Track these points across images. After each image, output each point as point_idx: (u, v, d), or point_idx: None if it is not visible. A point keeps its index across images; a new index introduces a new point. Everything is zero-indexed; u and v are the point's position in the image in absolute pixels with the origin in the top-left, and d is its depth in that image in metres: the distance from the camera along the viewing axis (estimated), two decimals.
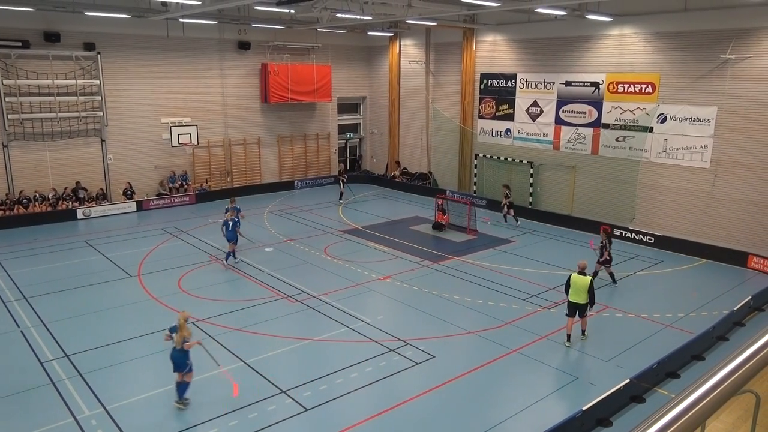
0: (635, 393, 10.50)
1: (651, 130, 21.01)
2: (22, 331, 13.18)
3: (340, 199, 26.88)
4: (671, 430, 2.68)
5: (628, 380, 10.31)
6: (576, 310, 12.53)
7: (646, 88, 20.99)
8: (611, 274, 16.37)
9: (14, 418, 9.84)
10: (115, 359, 11.90)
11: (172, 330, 10.10)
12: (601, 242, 16.11)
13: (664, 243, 20.04)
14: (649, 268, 18.23)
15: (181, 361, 10.07)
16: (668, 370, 11.36)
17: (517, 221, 22.75)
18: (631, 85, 21.40)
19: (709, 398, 3.24)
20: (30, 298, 15.14)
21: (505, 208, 22.80)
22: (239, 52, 27.77)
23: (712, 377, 3.57)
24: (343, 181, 27.03)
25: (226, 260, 17.77)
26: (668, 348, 11.90)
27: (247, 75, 28.37)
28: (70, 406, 10.16)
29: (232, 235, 17.62)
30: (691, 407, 2.87)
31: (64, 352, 12.15)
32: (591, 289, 12.36)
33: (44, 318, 13.86)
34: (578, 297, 12.43)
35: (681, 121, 20.18)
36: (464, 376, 11.35)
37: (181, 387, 10.18)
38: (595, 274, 15.64)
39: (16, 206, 22.52)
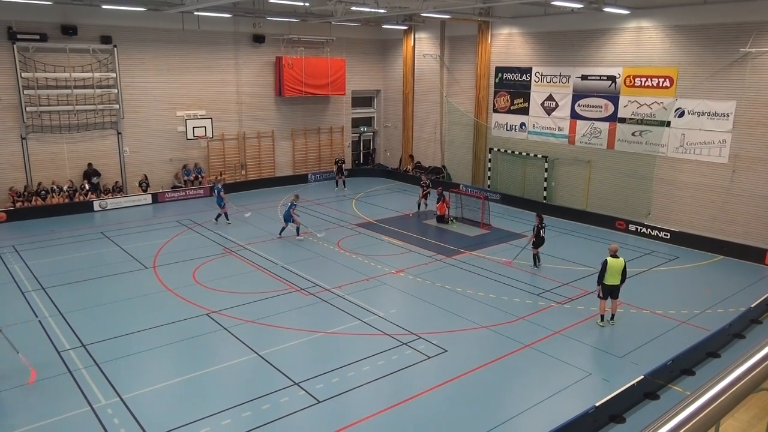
0: (649, 390, 10.43)
1: (668, 124, 20.76)
2: (40, 321, 13.38)
3: (339, 186, 28.62)
4: (686, 428, 2.65)
5: (642, 377, 10.24)
6: (611, 292, 13.16)
7: (663, 82, 20.73)
8: (534, 257, 17.24)
9: (33, 406, 10.00)
10: (131, 349, 12.05)
11: None
12: (535, 225, 17.06)
13: (681, 239, 19.83)
14: (664, 264, 18.06)
15: None
16: (683, 367, 11.26)
17: (418, 208, 23.82)
18: (649, 79, 21.14)
19: (724, 396, 3.19)
20: (48, 288, 15.36)
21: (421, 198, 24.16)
22: (254, 45, 27.83)
23: (729, 375, 3.52)
24: (341, 171, 28.79)
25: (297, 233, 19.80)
26: (683, 345, 11.80)
27: (262, 68, 28.44)
28: (87, 395, 10.32)
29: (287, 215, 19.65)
30: (706, 405, 2.83)
31: (81, 342, 12.32)
32: (625, 270, 13.10)
33: (61, 308, 14.06)
34: (614, 279, 13.00)
35: (699, 115, 19.91)
36: (476, 371, 11.35)
37: None
38: (534, 260, 17.20)
39: (34, 197, 22.83)
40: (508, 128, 26.45)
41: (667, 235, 20.17)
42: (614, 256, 12.98)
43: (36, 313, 13.85)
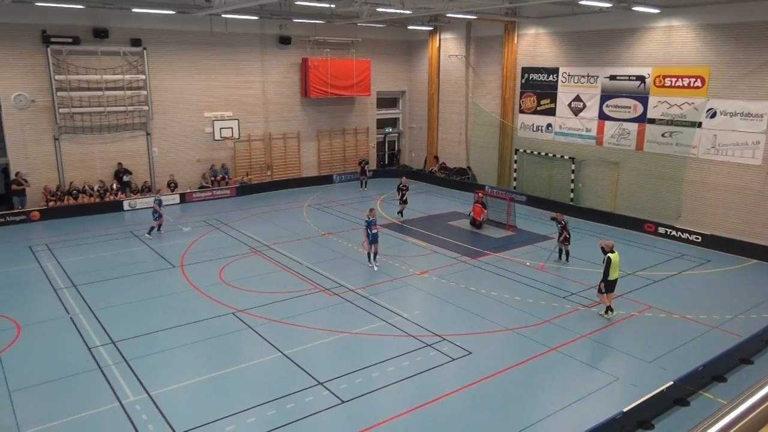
0: (679, 396, 10.22)
1: (699, 125, 20.33)
2: (71, 318, 13.68)
3: (363, 187, 28.91)
4: None
5: (671, 382, 10.04)
6: (614, 285, 13.65)
7: (694, 82, 20.31)
8: (560, 251, 17.93)
9: (64, 400, 10.22)
10: (159, 347, 12.24)
11: None
12: (559, 224, 17.65)
13: (712, 242, 19.40)
14: (695, 267, 17.69)
15: None
16: (715, 373, 11.00)
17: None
18: (679, 79, 20.73)
19: (763, 406, 3.08)
20: (79, 285, 15.69)
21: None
22: (280, 46, 28.06)
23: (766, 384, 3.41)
24: (364, 171, 29.13)
25: (370, 260, 17.31)
26: (715, 350, 11.54)
27: (288, 69, 28.66)
28: (116, 391, 10.51)
29: (374, 237, 17.00)
30: (744, 415, 2.72)
31: (111, 339, 12.56)
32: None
33: (92, 305, 14.35)
34: (617, 272, 13.60)
35: (732, 116, 19.45)
36: (501, 374, 11.25)
37: None
38: (560, 253, 17.88)
39: (66, 197, 23.36)
40: (535, 129, 26.20)
41: (698, 239, 19.75)
42: (612, 251, 13.56)
43: (68, 309, 14.15)
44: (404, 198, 22.85)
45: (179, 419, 9.64)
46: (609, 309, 13.83)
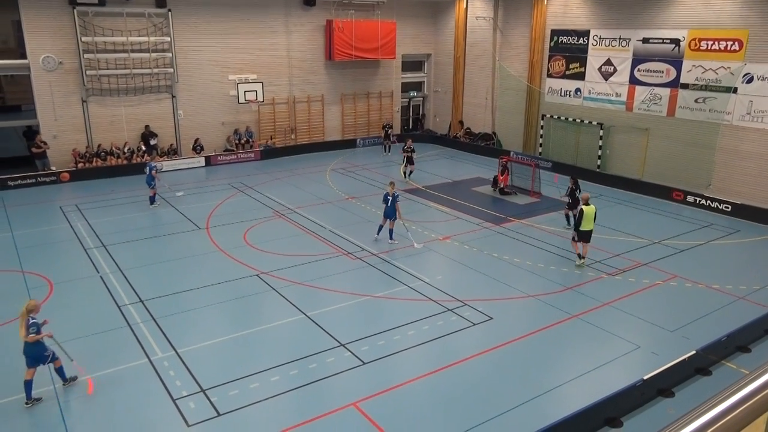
0: (701, 365, 10.17)
1: (735, 90, 19.66)
2: (101, 277, 14.06)
3: (386, 151, 28.74)
4: (742, 408, 2.54)
5: (693, 351, 9.99)
6: (586, 236, 14.56)
7: (731, 46, 19.56)
8: (567, 216, 17.68)
9: (96, 356, 10.59)
10: (185, 306, 12.55)
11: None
12: (569, 187, 17.43)
13: (742, 211, 18.96)
14: (723, 237, 17.36)
15: (35, 353, 9.04)
16: (739, 343, 10.91)
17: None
18: (716, 42, 19.99)
19: None
20: (108, 246, 16.07)
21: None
22: (305, 8, 27.69)
23: None
24: (387, 136, 28.80)
25: (390, 237, 16.30)
26: (740, 321, 11.42)
27: (312, 32, 28.33)
28: (145, 348, 10.86)
29: (390, 212, 15.94)
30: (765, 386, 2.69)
31: (139, 298, 12.91)
32: (595, 216, 14.58)
33: (121, 265, 14.72)
34: (589, 225, 14.42)
35: None
36: (521, 339, 11.31)
37: (60, 370, 9.47)
38: (568, 219, 17.67)
39: (94, 159, 23.75)
40: (563, 94, 25.64)
41: (727, 208, 19.33)
42: (587, 203, 14.48)
43: (97, 269, 14.54)
44: (411, 159, 22.82)
45: (205, 376, 9.94)
46: (579, 256, 14.84)
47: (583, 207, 14.42)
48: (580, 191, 16.94)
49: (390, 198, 15.82)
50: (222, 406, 9.18)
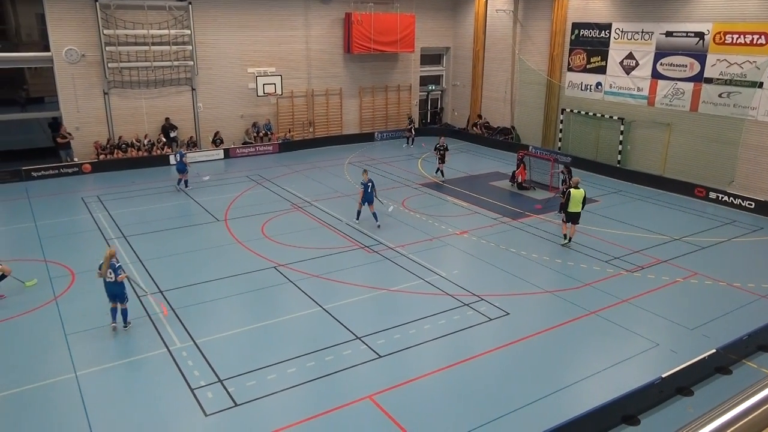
0: (721, 364, 10.04)
1: (760, 85, 19.26)
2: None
3: (408, 144, 29.32)
4: (763, 408, 2.50)
5: (713, 350, 9.86)
6: (573, 218, 15.40)
7: (758, 39, 19.15)
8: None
9: (115, 345, 10.78)
10: (203, 297, 12.68)
11: (100, 267, 11.09)
12: (562, 174, 18.74)
13: (766, 209, 18.62)
14: (746, 234, 17.07)
15: (119, 291, 11.13)
16: (760, 342, 10.73)
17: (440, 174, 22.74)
18: (741, 36, 19.58)
19: None
20: (129, 236, 16.29)
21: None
22: (324, 1, 27.68)
23: None
24: (411, 129, 29.56)
25: (376, 219, 17.11)
26: (761, 320, 11.25)
27: (331, 25, 28.32)
28: (164, 338, 11.00)
29: (370, 197, 16.89)
30: None
31: (159, 288, 13.07)
32: (585, 199, 15.45)
33: (141, 255, 14.91)
34: (576, 207, 15.24)
35: None
36: (539, 335, 11.26)
37: (124, 313, 11.27)
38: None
39: (115, 150, 24.04)
40: (583, 88, 25.34)
41: (751, 205, 18.99)
42: (576, 187, 15.35)
43: (118, 259, 14.69)
44: (444, 158, 22.56)
45: (223, 366, 10.05)
46: (565, 236, 15.73)
47: (572, 189, 15.33)
48: (571, 177, 17.68)
49: (369, 185, 16.79)
50: (239, 396, 9.28)
